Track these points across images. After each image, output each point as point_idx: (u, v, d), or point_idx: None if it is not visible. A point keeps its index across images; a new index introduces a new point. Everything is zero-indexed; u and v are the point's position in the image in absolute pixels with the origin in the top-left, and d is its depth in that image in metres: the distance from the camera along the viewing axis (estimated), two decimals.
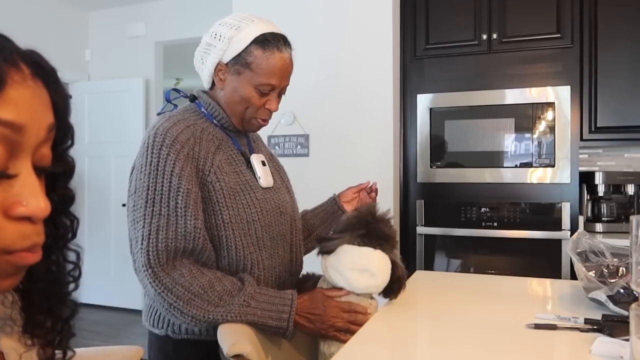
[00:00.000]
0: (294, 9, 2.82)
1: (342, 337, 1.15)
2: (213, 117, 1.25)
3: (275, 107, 1.24)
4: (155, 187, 1.10)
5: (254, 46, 1.17)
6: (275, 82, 1.19)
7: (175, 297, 1.05)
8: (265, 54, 1.17)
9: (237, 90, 1.20)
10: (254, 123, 1.25)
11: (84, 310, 4.59)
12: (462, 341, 1.02)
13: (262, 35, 1.18)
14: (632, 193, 2.75)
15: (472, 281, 1.65)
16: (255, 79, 1.18)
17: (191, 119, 1.23)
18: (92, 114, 4.75)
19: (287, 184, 1.41)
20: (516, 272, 2.43)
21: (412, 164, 2.81)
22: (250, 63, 1.17)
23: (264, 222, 1.21)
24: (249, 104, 1.20)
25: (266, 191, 1.25)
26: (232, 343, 1.00)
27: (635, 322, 0.76)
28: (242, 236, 1.17)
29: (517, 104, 2.62)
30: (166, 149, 1.11)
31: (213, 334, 1.10)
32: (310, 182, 2.67)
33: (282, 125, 2.84)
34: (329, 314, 1.15)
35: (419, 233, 2.77)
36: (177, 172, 1.10)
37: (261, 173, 1.25)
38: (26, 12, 4.23)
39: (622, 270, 1.21)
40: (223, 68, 1.20)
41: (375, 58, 2.69)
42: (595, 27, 2.62)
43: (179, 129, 1.15)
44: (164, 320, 1.18)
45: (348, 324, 1.16)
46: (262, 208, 1.21)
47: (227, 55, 1.19)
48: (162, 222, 1.07)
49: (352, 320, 1.17)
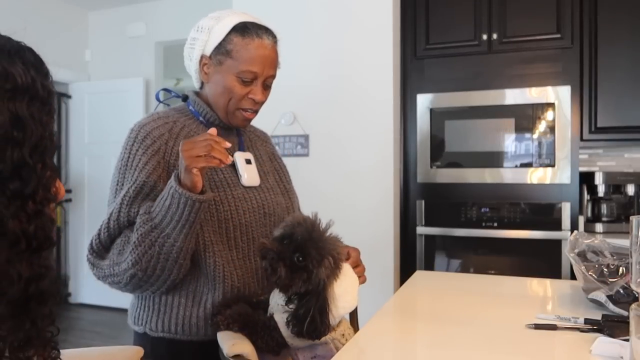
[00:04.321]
0: (294, 9, 2.82)
1: (211, 161, 1.02)
2: (199, 114, 1.25)
3: (260, 97, 1.21)
4: (119, 181, 1.15)
5: (233, 34, 1.17)
6: (257, 70, 1.17)
7: (112, 277, 1.08)
8: (244, 41, 1.17)
9: (220, 81, 1.19)
10: (238, 115, 1.23)
11: (84, 310, 4.58)
12: (462, 341, 1.02)
13: (241, 23, 1.18)
14: (632, 193, 2.75)
15: (472, 281, 1.65)
16: (236, 67, 1.17)
17: (174, 116, 1.24)
18: (92, 114, 4.74)
19: (286, 186, 1.39)
20: (516, 272, 2.43)
21: (412, 164, 2.80)
22: (230, 51, 1.17)
23: (238, 221, 1.18)
24: (232, 94, 1.19)
25: (248, 190, 1.23)
26: (231, 343, 1.00)
27: (635, 322, 0.76)
28: (213, 233, 1.15)
29: (517, 104, 2.62)
30: (137, 144, 1.16)
31: (189, 332, 1.14)
32: (310, 182, 2.67)
33: (282, 125, 2.83)
34: (184, 149, 1.03)
35: (419, 233, 2.77)
36: (140, 167, 1.13)
37: (244, 171, 1.24)
38: (26, 12, 4.23)
39: (622, 270, 1.21)
40: (207, 61, 1.20)
41: (375, 58, 2.69)
42: (595, 27, 2.62)
43: (155, 125, 1.19)
44: (142, 317, 1.20)
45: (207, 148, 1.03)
46: (238, 206, 1.19)
47: (209, 46, 1.19)
48: (114, 214, 1.11)
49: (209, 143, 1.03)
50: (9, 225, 0.49)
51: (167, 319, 1.17)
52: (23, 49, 0.54)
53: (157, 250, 1.06)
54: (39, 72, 0.53)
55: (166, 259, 1.07)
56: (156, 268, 1.07)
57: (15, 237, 0.50)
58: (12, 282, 0.50)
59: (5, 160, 0.49)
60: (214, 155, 1.01)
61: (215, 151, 1.02)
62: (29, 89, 0.51)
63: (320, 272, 0.99)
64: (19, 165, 0.50)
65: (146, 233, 1.06)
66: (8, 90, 0.49)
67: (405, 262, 2.77)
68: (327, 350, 1.04)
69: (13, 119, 0.49)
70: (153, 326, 1.18)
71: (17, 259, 0.50)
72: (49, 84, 0.54)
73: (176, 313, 1.17)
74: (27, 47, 0.55)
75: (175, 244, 1.06)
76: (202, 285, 1.17)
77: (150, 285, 1.10)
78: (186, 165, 1.02)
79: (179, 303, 1.17)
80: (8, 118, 0.49)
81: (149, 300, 1.20)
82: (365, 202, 2.68)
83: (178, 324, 1.16)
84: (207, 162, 1.02)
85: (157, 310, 1.18)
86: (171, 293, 1.17)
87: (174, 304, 1.17)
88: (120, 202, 1.11)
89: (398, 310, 1.29)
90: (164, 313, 1.18)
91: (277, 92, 2.85)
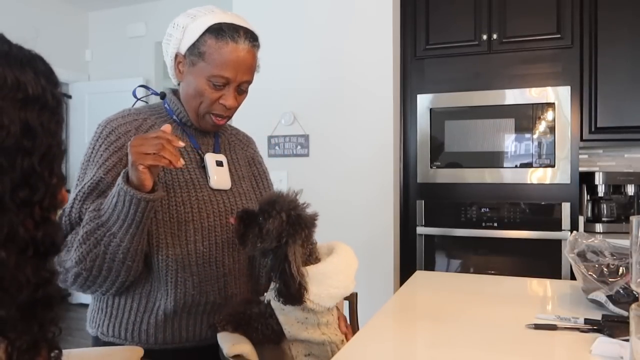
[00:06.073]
0: (294, 9, 2.82)
1: (160, 160, 0.97)
2: (174, 113, 1.22)
3: (231, 103, 1.15)
4: (79, 177, 1.12)
5: (207, 35, 1.12)
6: (230, 75, 1.12)
7: (59, 275, 1.02)
8: (218, 44, 1.11)
9: (192, 83, 1.14)
10: (208, 120, 1.18)
11: (84, 310, 4.58)
12: (462, 341, 1.02)
13: (217, 24, 1.12)
14: (632, 193, 2.75)
15: (472, 281, 1.65)
16: (208, 71, 1.11)
17: (146, 113, 1.21)
18: (92, 114, 4.74)
19: (263, 192, 1.32)
20: (516, 272, 2.43)
21: (412, 164, 2.80)
22: (204, 53, 1.12)
23: (200, 224, 1.13)
24: (202, 97, 1.14)
25: (217, 192, 1.18)
26: (231, 343, 1.00)
27: (635, 322, 0.76)
28: (170, 235, 1.10)
29: (517, 104, 2.62)
30: (101, 139, 1.13)
31: (138, 339, 1.11)
32: (310, 183, 2.67)
33: (282, 126, 2.83)
34: (133, 145, 0.99)
35: (419, 233, 2.77)
36: (100, 163, 1.09)
37: (213, 173, 1.18)
38: (26, 12, 4.23)
39: (622, 270, 1.21)
40: (182, 60, 1.16)
41: (376, 58, 2.68)
42: (596, 27, 2.62)
43: (123, 121, 1.16)
44: (96, 320, 1.17)
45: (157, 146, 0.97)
46: (202, 209, 1.14)
47: (183, 45, 1.14)
48: (66, 209, 1.07)
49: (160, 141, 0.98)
50: (18, 232, 0.50)
51: (118, 323, 1.13)
52: (34, 58, 0.54)
53: (102, 249, 1.01)
54: (49, 82, 0.54)
55: (112, 259, 1.02)
56: (102, 268, 1.02)
57: (24, 243, 0.51)
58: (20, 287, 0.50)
59: (15, 168, 0.49)
60: (163, 154, 0.95)
61: (165, 151, 0.96)
62: (39, 98, 0.52)
63: (268, 224, 0.99)
64: (29, 174, 0.50)
65: (92, 231, 1.01)
66: (20, 100, 0.50)
67: (405, 262, 2.77)
68: (323, 352, 1.04)
69: (24, 128, 0.50)
70: (104, 330, 1.14)
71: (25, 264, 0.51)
72: (58, 93, 0.55)
73: (127, 318, 1.12)
74: (38, 56, 0.55)
75: (122, 244, 1.01)
76: (155, 290, 1.12)
77: (98, 286, 1.05)
78: (132, 162, 0.97)
79: (130, 307, 1.12)
80: (19, 127, 0.50)
81: (103, 302, 1.15)
82: (365, 202, 2.68)
83: (128, 329, 1.12)
84: (155, 160, 0.96)
85: (109, 314, 1.14)
86: (124, 295, 1.12)
87: (125, 307, 1.12)
88: (73, 198, 1.07)
89: (398, 310, 1.29)
90: (115, 317, 1.13)
91: (277, 92, 2.88)
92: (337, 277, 1.03)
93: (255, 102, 2.94)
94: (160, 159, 0.96)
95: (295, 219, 1.01)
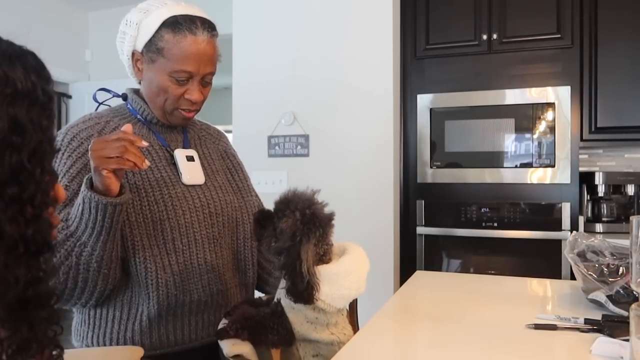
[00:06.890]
0: (294, 9, 2.82)
1: (124, 163, 0.93)
2: (137, 112, 1.19)
3: (196, 97, 1.12)
4: None
5: (164, 30, 1.08)
6: (192, 69, 1.09)
7: None
8: (176, 38, 1.08)
9: (154, 81, 1.11)
10: (177, 115, 1.16)
11: None
12: (462, 341, 1.02)
13: (172, 17, 1.09)
14: (632, 193, 2.75)
15: (472, 281, 1.65)
16: (169, 66, 1.08)
17: (108, 116, 1.18)
18: None
19: (239, 184, 1.29)
20: (516, 272, 2.43)
21: (412, 164, 2.80)
22: (162, 49, 1.08)
23: (176, 222, 1.10)
24: (167, 94, 1.11)
25: (190, 188, 1.16)
26: (232, 344, 1.00)
27: (635, 322, 0.76)
28: (146, 236, 1.07)
29: (517, 104, 2.62)
30: (63, 148, 1.09)
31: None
32: (310, 182, 2.66)
33: (282, 125, 2.84)
34: (94, 149, 0.95)
35: (419, 233, 2.77)
36: (63, 171, 1.06)
37: (185, 169, 1.16)
38: (26, 12, 4.23)
39: (622, 270, 1.21)
40: (139, 57, 1.12)
41: (375, 58, 2.69)
42: (596, 27, 2.62)
43: (84, 127, 1.13)
44: (80, 332, 1.14)
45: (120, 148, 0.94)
46: (176, 206, 1.11)
47: (139, 42, 1.11)
48: None
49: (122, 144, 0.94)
50: (6, 230, 0.49)
51: (102, 334, 1.10)
52: (25, 53, 0.54)
53: (74, 260, 0.97)
54: (40, 77, 0.53)
55: (86, 270, 0.98)
56: (77, 280, 0.99)
57: (13, 241, 0.50)
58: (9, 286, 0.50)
59: (3, 165, 0.49)
60: (127, 157, 0.92)
61: (128, 153, 0.92)
62: (29, 94, 0.51)
63: (282, 223, 0.98)
64: (17, 170, 0.50)
65: (61, 242, 0.97)
66: (7, 95, 0.49)
67: (405, 262, 2.77)
68: (331, 352, 1.02)
69: (12, 124, 0.49)
70: (89, 342, 1.11)
71: (15, 263, 0.50)
72: (50, 89, 0.54)
73: (111, 327, 1.10)
74: (29, 52, 0.54)
75: (94, 252, 0.97)
76: (137, 296, 1.09)
77: (77, 298, 1.02)
78: (95, 167, 0.93)
79: (113, 316, 1.09)
80: (7, 123, 0.49)
81: (85, 314, 1.13)
82: (365, 202, 2.68)
83: (112, 339, 1.09)
84: (118, 164, 0.92)
85: (93, 325, 1.11)
86: (105, 305, 1.10)
87: (108, 317, 1.10)
88: None
89: (398, 310, 1.29)
90: (99, 327, 1.11)
91: (277, 92, 2.87)
92: (350, 278, 1.02)
93: (256, 102, 2.95)
94: (124, 162, 0.92)
95: (310, 218, 0.99)
